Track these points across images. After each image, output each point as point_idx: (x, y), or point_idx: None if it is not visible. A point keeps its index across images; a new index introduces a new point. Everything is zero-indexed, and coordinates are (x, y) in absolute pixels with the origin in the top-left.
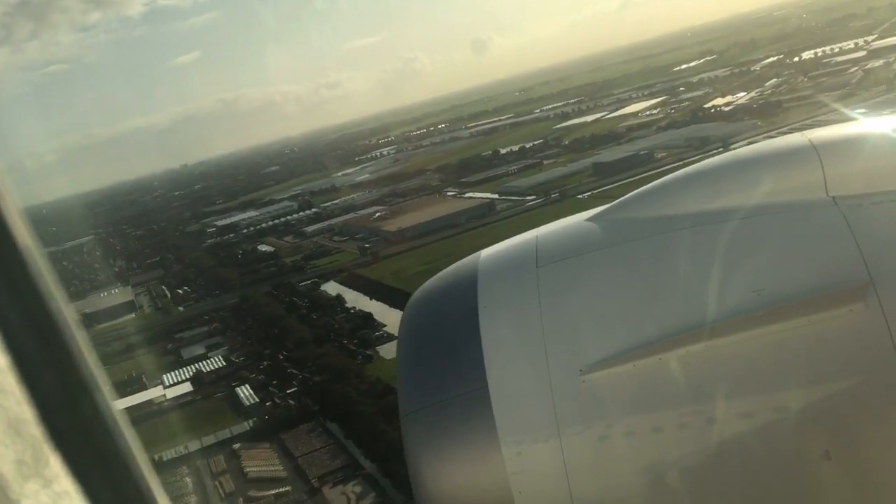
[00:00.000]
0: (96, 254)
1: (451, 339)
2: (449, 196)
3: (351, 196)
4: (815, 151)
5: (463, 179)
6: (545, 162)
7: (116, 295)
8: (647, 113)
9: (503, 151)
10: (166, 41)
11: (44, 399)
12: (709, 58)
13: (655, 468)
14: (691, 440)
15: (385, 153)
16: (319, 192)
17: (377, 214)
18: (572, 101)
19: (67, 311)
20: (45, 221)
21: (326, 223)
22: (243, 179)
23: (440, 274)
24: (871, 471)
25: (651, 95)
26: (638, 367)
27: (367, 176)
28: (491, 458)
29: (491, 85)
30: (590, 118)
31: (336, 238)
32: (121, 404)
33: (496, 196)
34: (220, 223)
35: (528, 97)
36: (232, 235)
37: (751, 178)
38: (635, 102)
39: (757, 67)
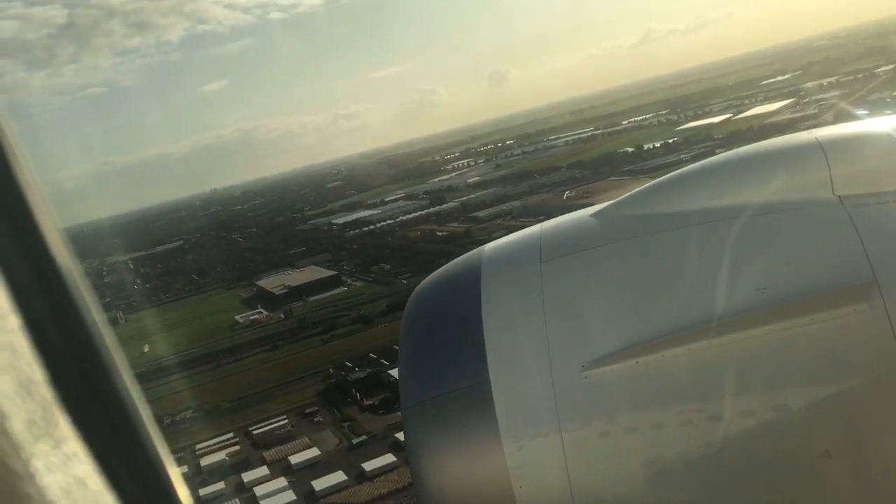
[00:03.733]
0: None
1: (453, 332)
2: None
3: (482, 192)
4: (822, 150)
5: (628, 167)
6: (717, 151)
7: (307, 273)
8: (777, 112)
9: (647, 147)
10: (198, 68)
11: (55, 361)
12: (796, 73)
13: (656, 464)
14: (692, 437)
15: (468, 164)
16: (434, 192)
17: (568, 194)
18: (662, 112)
19: (79, 276)
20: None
21: (495, 209)
22: (309, 192)
23: (444, 267)
24: (873, 469)
25: (753, 104)
26: (640, 363)
27: (477, 178)
28: (492, 452)
29: (510, 117)
30: (715, 119)
31: (522, 219)
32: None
33: None
34: (338, 221)
35: (587, 116)
36: (372, 227)
37: (757, 175)
38: (743, 108)
39: (860, 76)
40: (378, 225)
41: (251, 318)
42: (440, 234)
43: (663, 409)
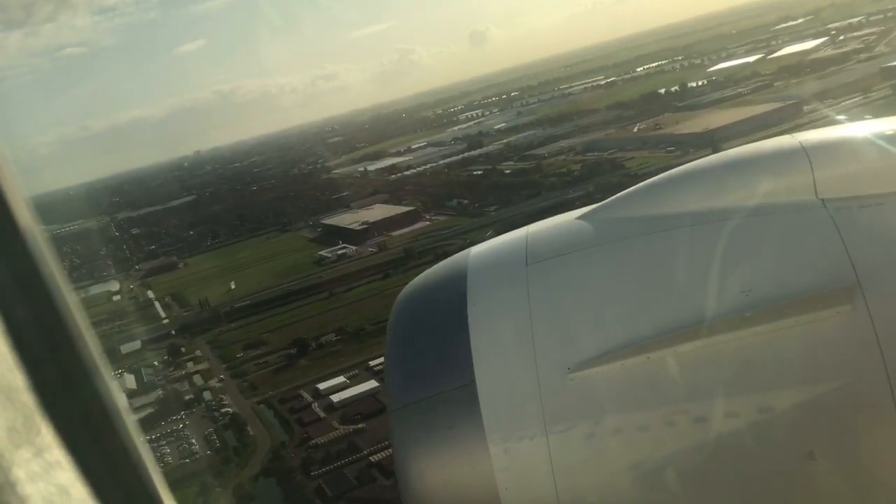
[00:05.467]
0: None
1: (439, 335)
2: (725, 109)
3: (522, 135)
4: (805, 154)
5: (680, 104)
6: (775, 84)
7: (378, 210)
8: (817, 49)
9: (691, 85)
10: (177, 27)
11: (36, 367)
12: (808, 17)
13: (641, 467)
14: (677, 439)
15: (479, 114)
16: (464, 138)
17: (640, 126)
18: (679, 58)
19: (60, 278)
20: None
21: (551, 146)
22: (311, 148)
23: (430, 270)
24: (856, 471)
25: (779, 46)
26: (626, 365)
27: (503, 124)
28: (478, 454)
29: (495, 74)
30: (750, 59)
31: (589, 154)
32: None
33: (793, 100)
34: (371, 168)
35: (586, 69)
36: (414, 170)
37: (741, 179)
38: (772, 49)
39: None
40: (420, 168)
41: (338, 252)
42: (507, 171)
43: (649, 412)
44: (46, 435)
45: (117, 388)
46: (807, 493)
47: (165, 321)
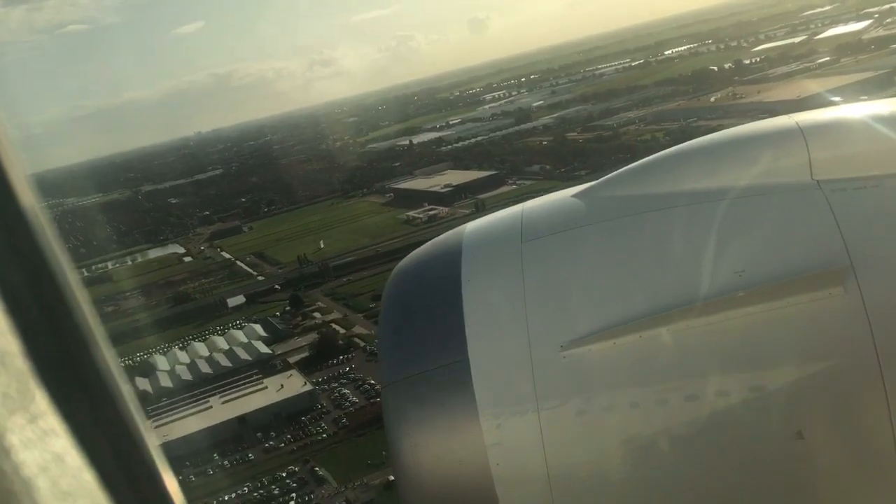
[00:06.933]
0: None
1: (433, 311)
2: (810, 78)
3: (572, 109)
4: (802, 135)
5: (744, 78)
6: (843, 61)
7: (449, 175)
8: (866, 30)
9: (747, 62)
10: (177, 6)
11: (31, 331)
12: (834, 4)
13: (631, 443)
14: (668, 417)
15: (503, 95)
16: (507, 113)
17: (716, 97)
18: (708, 42)
19: (55, 241)
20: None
21: (616, 118)
22: (326, 127)
23: (424, 245)
24: (844, 451)
25: (819, 29)
26: (618, 344)
27: (541, 102)
28: (469, 429)
29: (497, 62)
30: (795, 40)
31: (664, 123)
32: None
33: (885, 70)
34: (418, 140)
35: (601, 55)
36: (464, 142)
37: (736, 159)
38: (815, 32)
39: None
40: (471, 140)
41: (429, 213)
42: (580, 140)
43: (640, 390)
44: (41, 402)
45: (113, 355)
46: (794, 471)
47: (260, 278)
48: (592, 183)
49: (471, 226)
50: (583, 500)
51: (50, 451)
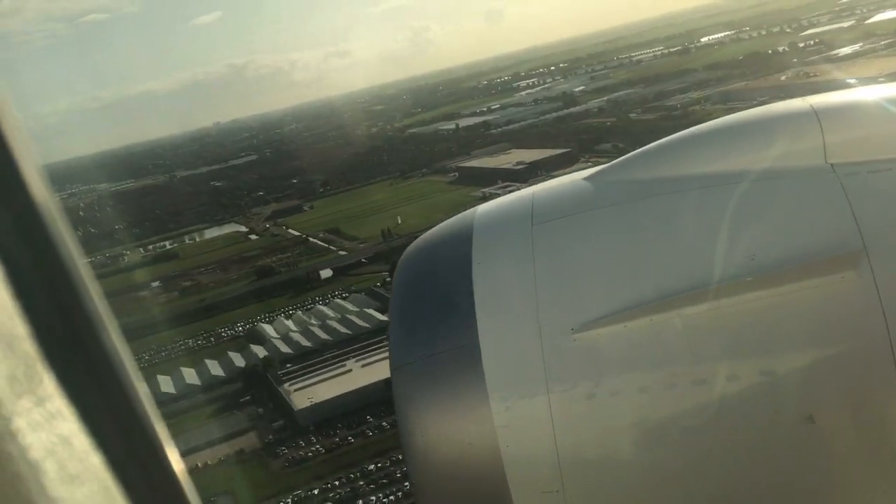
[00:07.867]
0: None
1: (443, 293)
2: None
3: (621, 93)
4: (816, 117)
5: (804, 59)
6: None
7: (515, 154)
8: None
9: (801, 45)
10: None
11: (38, 314)
12: None
13: (641, 427)
14: (679, 401)
15: (538, 82)
16: (553, 98)
17: (787, 75)
18: (745, 28)
19: (64, 227)
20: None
21: (676, 99)
22: (351, 116)
23: (435, 228)
24: (856, 435)
25: (867, 15)
26: (629, 327)
27: (582, 87)
28: (479, 412)
29: (509, 55)
30: (844, 24)
31: (731, 104)
32: None
33: None
34: (464, 124)
35: (632, 43)
36: (514, 125)
37: (750, 142)
38: (862, 18)
39: None
40: (520, 123)
41: (508, 189)
42: (648, 119)
43: (650, 373)
44: (48, 384)
45: (120, 338)
46: (805, 456)
47: (342, 252)
48: (603, 166)
49: (481, 208)
50: (592, 483)
51: (57, 433)
